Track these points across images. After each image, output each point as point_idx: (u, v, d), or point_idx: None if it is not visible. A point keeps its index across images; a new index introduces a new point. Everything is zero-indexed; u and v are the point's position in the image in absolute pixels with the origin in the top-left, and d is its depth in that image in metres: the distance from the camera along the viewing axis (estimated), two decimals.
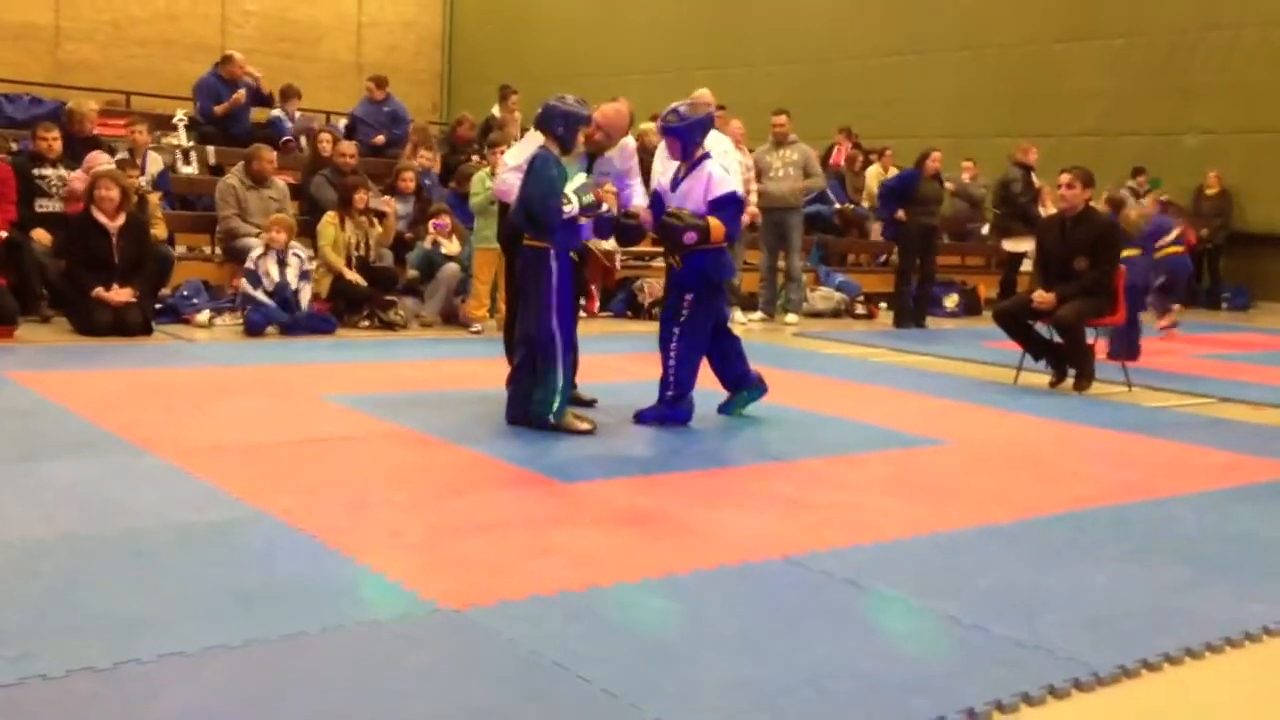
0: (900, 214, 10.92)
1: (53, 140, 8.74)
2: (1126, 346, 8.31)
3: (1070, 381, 7.29)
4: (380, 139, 12.25)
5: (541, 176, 5.11)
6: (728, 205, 5.50)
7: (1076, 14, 15.58)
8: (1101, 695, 2.65)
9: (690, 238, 5.40)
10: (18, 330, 7.44)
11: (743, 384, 5.84)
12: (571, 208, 5.13)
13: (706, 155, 5.60)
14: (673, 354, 5.55)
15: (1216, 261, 15.08)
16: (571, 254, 5.35)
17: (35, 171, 8.59)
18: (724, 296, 5.81)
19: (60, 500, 3.77)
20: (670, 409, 5.56)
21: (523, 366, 5.33)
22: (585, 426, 5.23)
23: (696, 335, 5.56)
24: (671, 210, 5.49)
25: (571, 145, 5.25)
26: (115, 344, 7.36)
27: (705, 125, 5.65)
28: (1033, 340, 7.43)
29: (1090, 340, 7.35)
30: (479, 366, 6.94)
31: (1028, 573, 3.49)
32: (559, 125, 5.20)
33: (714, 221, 5.42)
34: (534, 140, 5.37)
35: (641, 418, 5.57)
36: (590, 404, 5.89)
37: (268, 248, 8.41)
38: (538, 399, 5.22)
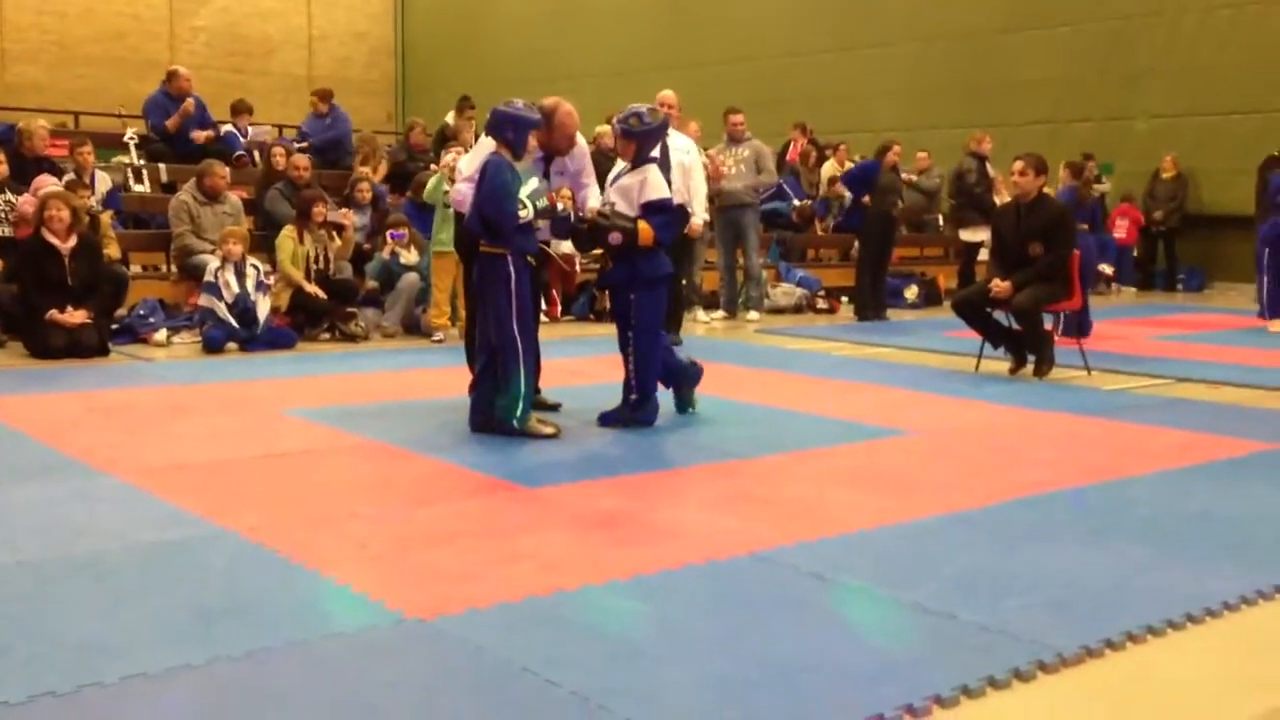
0: (865, 199, 11.04)
1: (0, 164, 8.63)
2: (1077, 325, 8.40)
3: (1030, 368, 7.36)
4: (306, 144, 12.13)
5: (495, 183, 5.11)
6: (660, 210, 5.49)
7: (1021, 4, 15.76)
8: (1066, 676, 2.68)
9: (615, 238, 5.40)
10: None
11: (677, 374, 5.81)
12: (526, 213, 5.15)
13: (652, 159, 5.60)
14: (630, 357, 5.55)
15: (1172, 243, 15.28)
16: (529, 258, 5.35)
17: None
18: (664, 294, 5.77)
19: (20, 525, 3.73)
20: (634, 411, 5.57)
21: (485, 373, 5.32)
22: (549, 430, 5.23)
23: (650, 335, 5.55)
24: (602, 209, 5.52)
25: (523, 150, 5.26)
26: (72, 366, 7.28)
27: (660, 131, 5.69)
28: (992, 328, 7.50)
29: (1048, 326, 7.42)
30: (441, 375, 6.92)
31: (991, 558, 3.52)
32: (508, 130, 5.21)
33: (643, 225, 5.41)
34: (486, 147, 5.36)
35: (605, 420, 5.57)
36: (554, 408, 5.89)
37: (224, 260, 8.34)
38: (501, 405, 5.21)
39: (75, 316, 7.63)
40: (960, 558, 3.52)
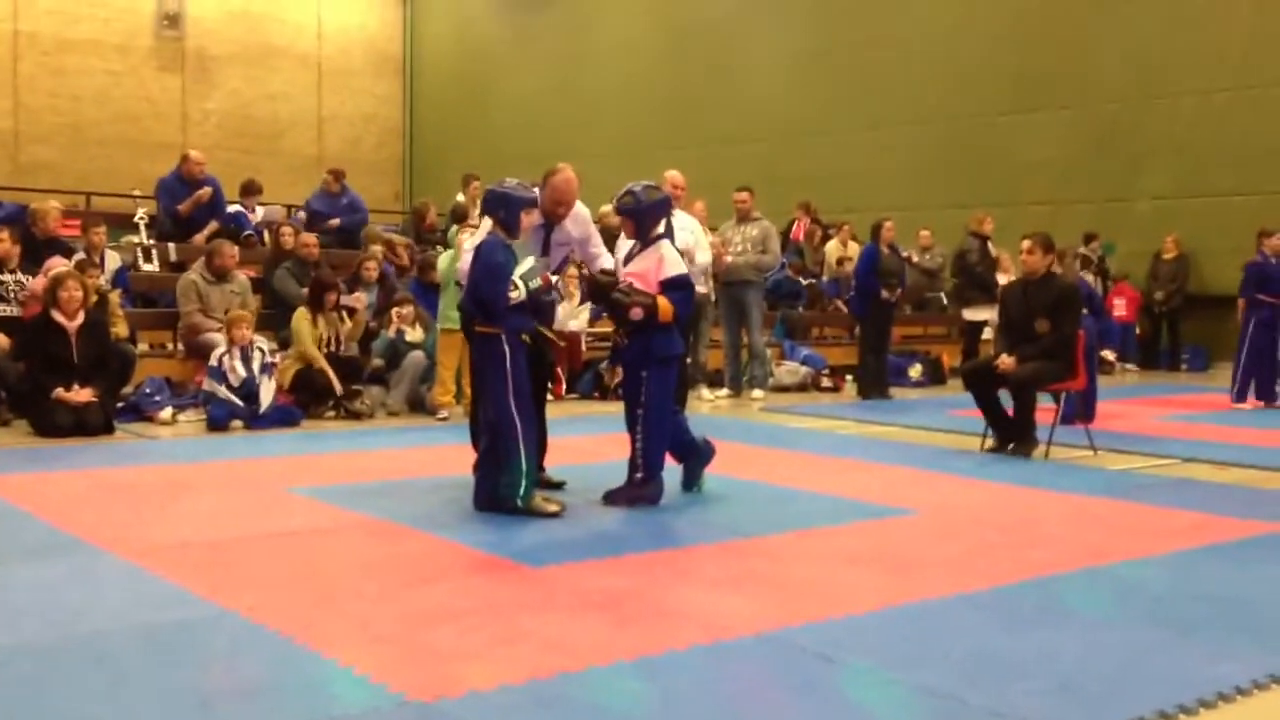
0: (884, 293, 11.11)
1: (10, 245, 8.73)
2: (1083, 407, 8.40)
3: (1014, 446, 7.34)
4: (335, 222, 12.34)
5: (488, 262, 5.17)
6: (678, 287, 5.55)
7: (1022, 87, 15.98)
8: None
9: (636, 314, 5.45)
10: None
11: (691, 449, 5.85)
12: (518, 293, 5.17)
13: (661, 236, 5.67)
14: (639, 435, 5.55)
15: (1176, 323, 15.32)
16: (527, 337, 5.38)
17: None
18: (675, 372, 5.82)
19: (21, 605, 3.71)
20: (640, 490, 5.55)
21: (488, 453, 5.33)
22: (553, 509, 5.21)
23: (660, 413, 5.56)
24: (621, 287, 5.55)
25: (516, 228, 5.30)
26: (77, 444, 7.28)
27: (661, 207, 5.73)
28: (992, 407, 7.49)
29: (1048, 406, 7.42)
30: (446, 453, 6.91)
31: (1000, 640, 3.49)
32: (499, 209, 5.26)
33: (663, 301, 5.47)
34: (487, 227, 5.43)
35: (610, 499, 5.55)
36: (559, 486, 5.88)
37: (231, 345, 8.39)
38: (504, 483, 5.20)
39: (81, 395, 7.66)
40: (968, 639, 3.48)
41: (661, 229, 5.71)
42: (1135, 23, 15.05)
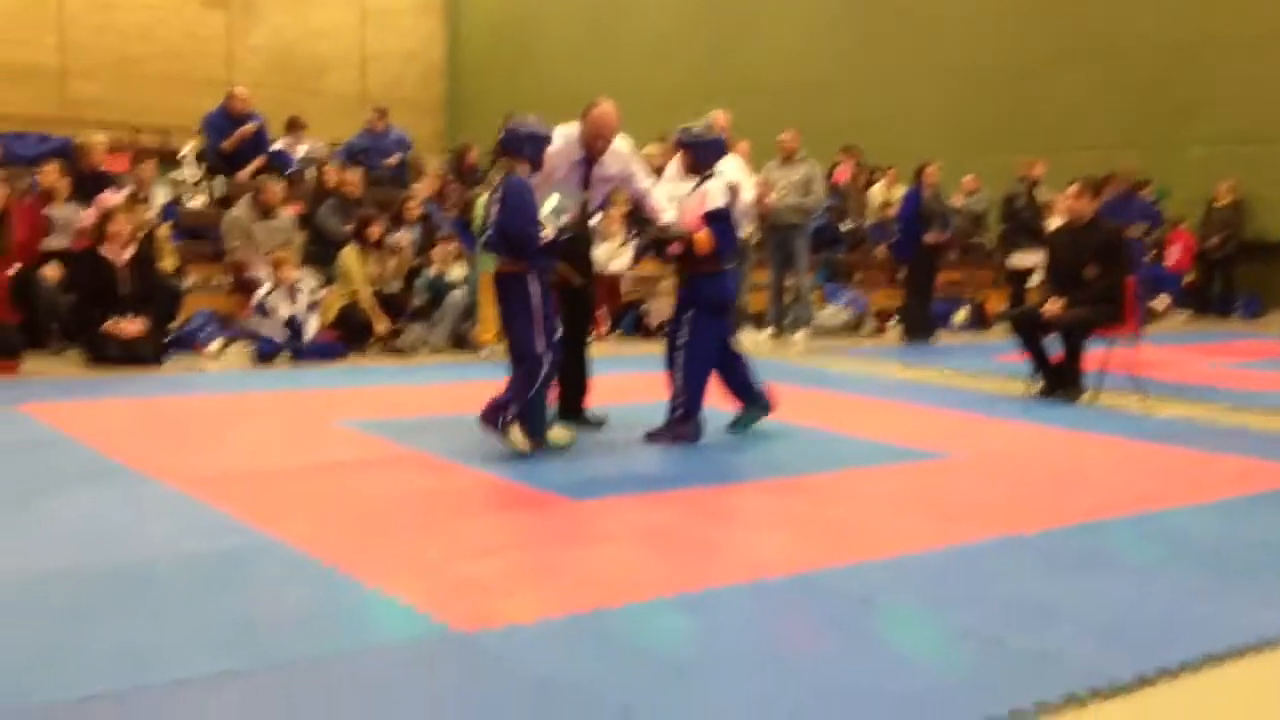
0: (928, 236, 11.00)
1: (59, 177, 8.80)
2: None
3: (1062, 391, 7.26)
4: (394, 159, 12.36)
5: (514, 203, 5.09)
6: (719, 220, 5.56)
7: (1071, 33, 15.62)
8: (1120, 704, 2.62)
9: (675, 249, 5.54)
10: (25, 364, 7.45)
11: (750, 395, 5.85)
12: (548, 232, 5.11)
13: (711, 174, 5.66)
14: (679, 374, 5.56)
15: (1229, 270, 15.05)
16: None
17: (44, 210, 8.64)
18: (728, 316, 5.83)
19: (72, 532, 3.77)
20: (680, 428, 5.56)
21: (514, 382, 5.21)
22: (524, 447, 5.07)
23: (702, 354, 5.58)
24: (659, 225, 5.66)
25: (540, 164, 5.24)
26: (127, 375, 7.38)
27: (719, 145, 5.79)
28: (1039, 352, 7.40)
29: (1106, 350, 7.31)
30: (488, 389, 6.90)
31: (1043, 583, 3.46)
32: (524, 146, 5.17)
33: (700, 234, 5.48)
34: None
35: (652, 437, 5.56)
36: (600, 424, 5.89)
37: (277, 284, 8.45)
38: (501, 399, 5.10)
39: (131, 326, 7.75)
40: (1010, 583, 3.46)
41: (720, 168, 5.75)
42: None
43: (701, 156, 5.68)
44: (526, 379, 5.11)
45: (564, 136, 5.74)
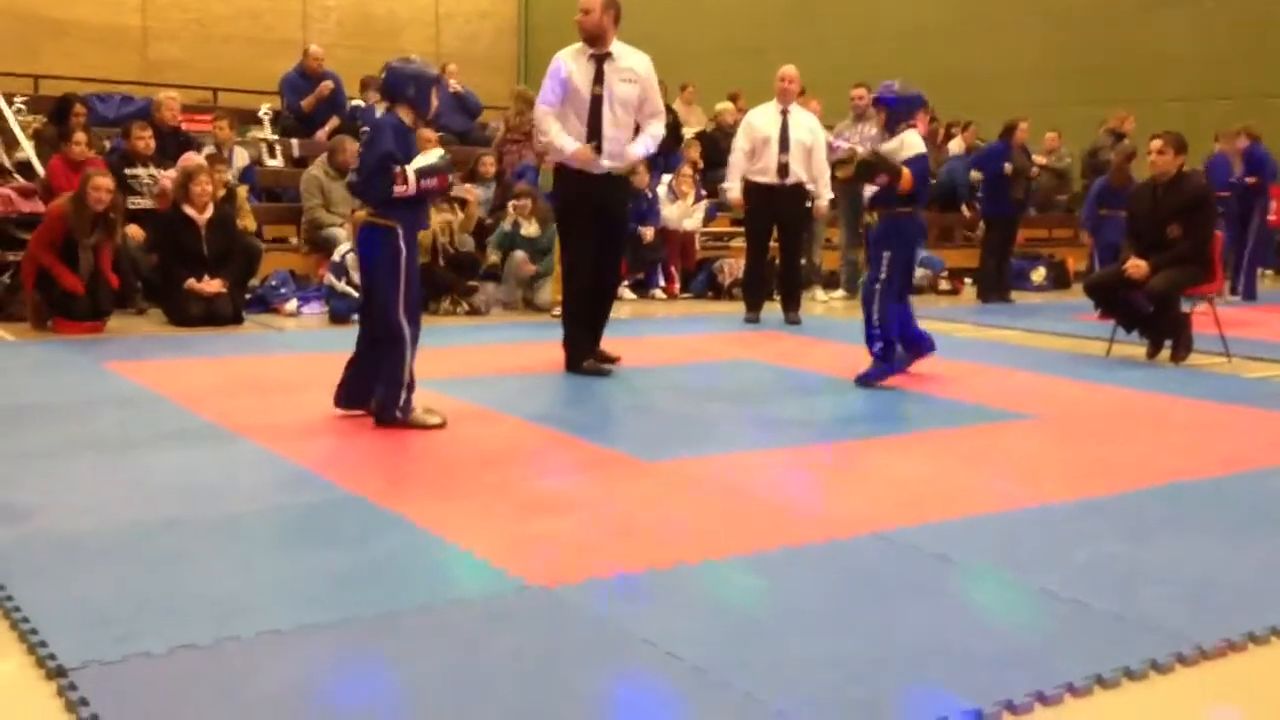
0: (974, 175, 10.87)
1: (147, 138, 8.97)
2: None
3: (1167, 353, 7.10)
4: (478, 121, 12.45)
5: (381, 150, 4.71)
6: (916, 163, 5.97)
7: None
8: (1205, 669, 2.58)
9: (881, 179, 5.97)
10: (111, 323, 7.64)
11: (915, 343, 6.24)
12: (406, 189, 4.70)
13: (912, 126, 6.12)
14: (876, 311, 5.99)
15: None
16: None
17: (126, 170, 8.81)
18: (915, 257, 6.41)
19: (161, 485, 3.87)
20: (886, 363, 6.01)
21: (365, 355, 4.94)
22: (436, 420, 4.82)
23: (896, 287, 6.06)
24: (873, 151, 6.20)
25: (428, 108, 4.88)
26: (208, 334, 7.54)
27: (916, 102, 6.23)
28: (1127, 312, 7.25)
29: (1188, 309, 7.14)
30: (560, 350, 6.96)
31: (1125, 547, 3.41)
32: (408, 87, 4.79)
33: (906, 172, 5.91)
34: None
35: (864, 378, 5.97)
36: (613, 360, 6.21)
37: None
38: (385, 394, 4.81)
39: (212, 286, 7.90)
40: (1092, 545, 3.41)
41: (919, 128, 6.25)
42: None
43: (897, 113, 6.09)
44: (397, 357, 4.77)
45: (561, 55, 6.24)
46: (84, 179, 7.53)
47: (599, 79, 6.13)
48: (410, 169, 4.72)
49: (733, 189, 8.88)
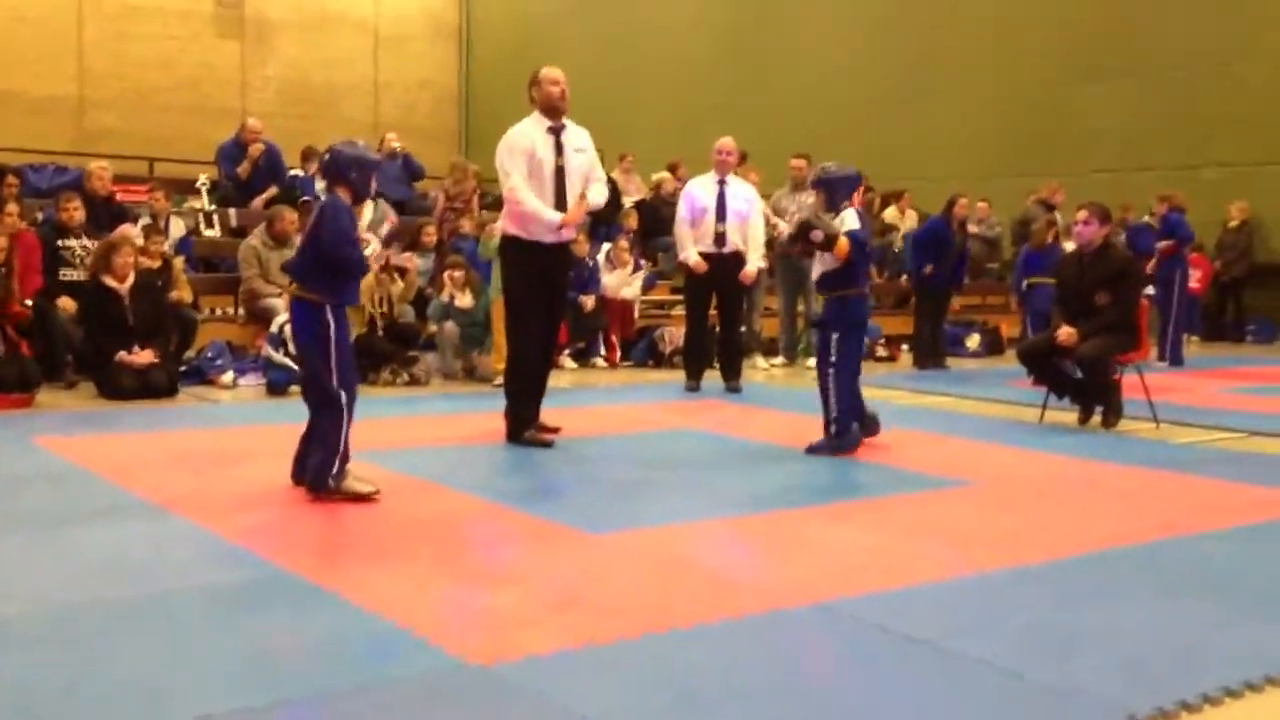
0: (928, 269, 11.08)
1: (74, 209, 8.87)
2: None
3: (1098, 419, 7.24)
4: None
5: (333, 225, 4.81)
6: (855, 239, 6.05)
7: (1086, 54, 15.63)
8: None
9: (816, 235, 5.99)
10: (41, 396, 7.49)
11: (862, 420, 6.28)
12: (372, 248, 4.93)
13: (849, 207, 6.20)
14: (832, 390, 6.10)
15: (1240, 294, 15.00)
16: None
17: (59, 242, 8.71)
18: (863, 335, 6.47)
19: (91, 564, 3.78)
20: (839, 440, 6.08)
21: (313, 428, 4.95)
22: (367, 489, 4.80)
23: (849, 369, 6.16)
24: (815, 215, 6.20)
25: (367, 191, 5.06)
26: (140, 407, 7.41)
27: (852, 182, 6.31)
28: (1058, 378, 7.39)
29: (1116, 376, 7.30)
30: (501, 419, 6.94)
31: (1060, 614, 3.45)
32: (350, 171, 4.92)
33: (843, 240, 5.99)
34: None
35: (813, 450, 6.04)
36: (554, 431, 6.23)
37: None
38: (315, 463, 4.81)
39: (142, 357, 7.79)
40: (1027, 613, 3.45)
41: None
42: None
43: (834, 194, 6.21)
44: (333, 426, 4.79)
45: (521, 128, 6.27)
46: None
47: (559, 150, 6.20)
48: (364, 232, 4.85)
49: (690, 254, 8.94)
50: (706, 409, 7.95)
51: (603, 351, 10.73)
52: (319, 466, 4.79)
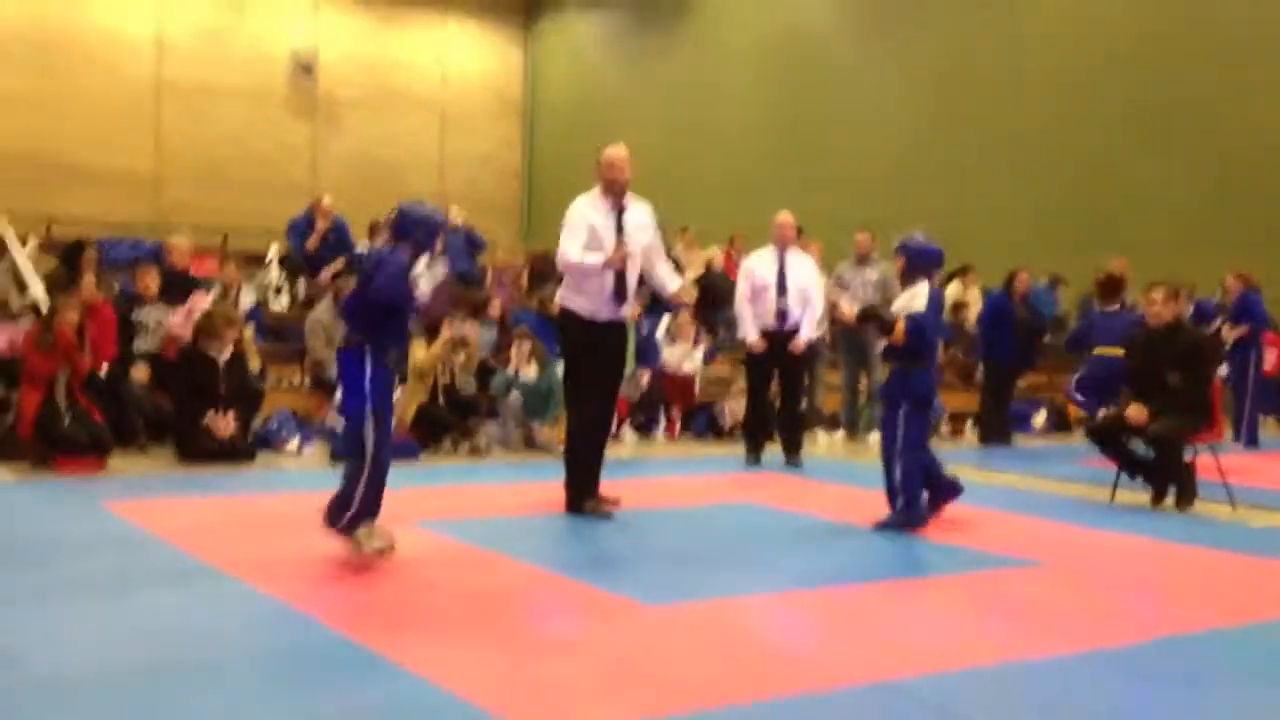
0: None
1: (150, 280, 9.08)
2: None
3: (1171, 500, 7.06)
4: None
5: (388, 269, 4.89)
6: (921, 317, 6.08)
7: (1151, 126, 15.50)
8: None
9: (872, 324, 6.28)
10: (113, 461, 7.62)
11: (940, 488, 6.24)
12: (423, 289, 4.91)
13: (927, 279, 6.24)
14: (898, 467, 6.03)
15: None
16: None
17: (133, 311, 8.91)
18: (929, 411, 6.39)
19: (152, 628, 3.81)
20: (906, 515, 5.98)
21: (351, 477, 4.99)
22: (377, 545, 4.84)
23: (916, 444, 6.07)
24: (876, 306, 6.56)
25: (432, 252, 5.07)
26: (209, 473, 7.50)
27: (934, 256, 6.32)
28: (1129, 457, 7.23)
29: (1189, 457, 7.12)
30: (561, 491, 6.93)
31: (1130, 701, 3.34)
32: (415, 231, 5.00)
33: (899, 325, 6.03)
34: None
35: (881, 526, 5.96)
36: (614, 502, 6.13)
37: None
38: (332, 497, 4.93)
39: (228, 424, 7.94)
40: (1098, 698, 3.34)
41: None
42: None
43: (914, 264, 6.23)
44: (356, 469, 4.86)
45: (582, 203, 6.31)
46: (51, 310, 7.68)
47: (620, 229, 6.24)
48: (415, 276, 4.94)
49: (749, 333, 8.92)
50: (767, 483, 7.88)
51: (663, 425, 10.70)
52: (332, 502, 4.90)
